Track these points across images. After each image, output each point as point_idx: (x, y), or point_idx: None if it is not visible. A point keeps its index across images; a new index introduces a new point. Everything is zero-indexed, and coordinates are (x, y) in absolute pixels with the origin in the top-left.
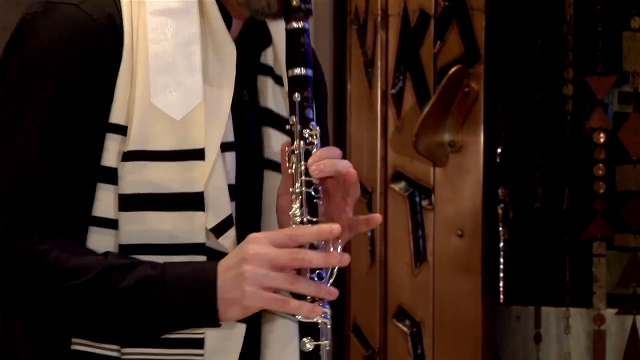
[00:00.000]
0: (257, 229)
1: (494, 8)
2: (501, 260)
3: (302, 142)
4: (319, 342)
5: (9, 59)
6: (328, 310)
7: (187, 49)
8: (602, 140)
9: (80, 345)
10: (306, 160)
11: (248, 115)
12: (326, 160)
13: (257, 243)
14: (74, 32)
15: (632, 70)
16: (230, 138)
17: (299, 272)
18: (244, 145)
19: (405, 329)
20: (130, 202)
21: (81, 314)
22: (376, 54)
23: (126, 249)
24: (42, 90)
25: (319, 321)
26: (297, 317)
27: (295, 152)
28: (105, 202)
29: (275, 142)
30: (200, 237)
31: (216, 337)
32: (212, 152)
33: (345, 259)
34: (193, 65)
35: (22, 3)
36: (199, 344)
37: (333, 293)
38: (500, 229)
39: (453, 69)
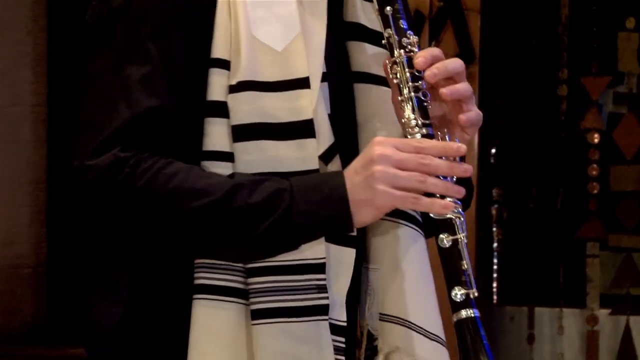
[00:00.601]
0: (354, 150)
1: (489, 8)
2: (495, 260)
3: (402, 51)
4: (456, 236)
5: (109, 3)
6: (459, 205)
7: None
8: (596, 140)
9: (204, 279)
10: (410, 67)
11: (330, 36)
12: (438, 64)
13: (383, 145)
14: None
15: (627, 71)
16: (324, 68)
17: None
18: (333, 72)
19: None
20: (245, 132)
21: (213, 234)
22: None
23: None
24: (144, 32)
25: (452, 216)
26: (431, 215)
27: (398, 61)
28: (216, 135)
29: (363, 54)
30: (314, 164)
31: (329, 261)
32: (316, 79)
33: (469, 169)
34: None
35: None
36: (321, 268)
37: (461, 191)
38: (494, 229)
39: None
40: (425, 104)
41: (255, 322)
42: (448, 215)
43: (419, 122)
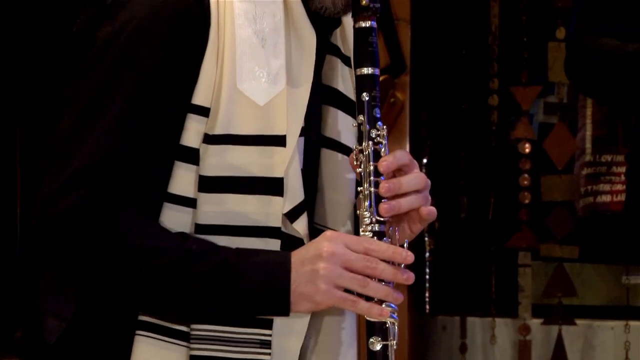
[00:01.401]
0: (313, 207)
1: (419, 18)
2: (427, 270)
3: (370, 143)
4: (387, 342)
5: (96, 33)
6: (396, 311)
7: (273, 36)
8: (527, 150)
9: (149, 317)
10: (375, 160)
11: (314, 93)
12: (395, 203)
13: (334, 242)
14: (164, 13)
15: (557, 80)
16: (302, 124)
17: None
18: (310, 128)
19: None
20: (211, 184)
21: (154, 293)
22: None
23: (203, 229)
24: (127, 71)
25: (388, 321)
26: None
27: (364, 152)
28: (183, 180)
29: (335, 121)
30: (276, 222)
31: (285, 318)
32: (293, 139)
33: (411, 277)
34: (277, 52)
35: None
36: (268, 324)
37: (400, 298)
38: (426, 239)
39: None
40: (382, 200)
41: None
42: (383, 320)
43: (373, 219)
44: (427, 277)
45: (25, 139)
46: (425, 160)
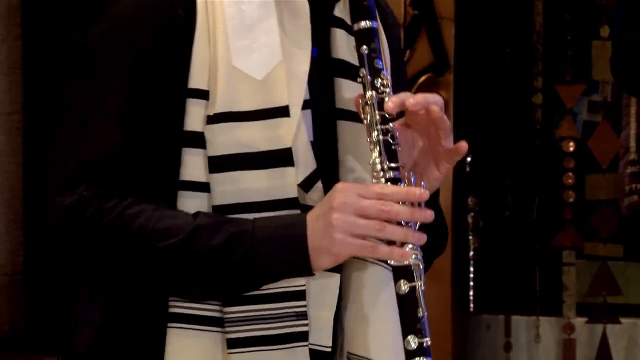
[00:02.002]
0: (336, 179)
1: (463, 17)
2: (471, 269)
3: (374, 92)
4: (414, 283)
5: (89, 31)
6: (419, 252)
7: (263, 9)
8: (571, 149)
9: (179, 308)
10: (380, 109)
11: (318, 69)
12: (419, 95)
13: (345, 192)
14: (150, 4)
15: (601, 79)
16: (307, 96)
17: None
18: (317, 101)
19: None
20: (221, 163)
21: (175, 275)
22: None
23: (221, 210)
24: (120, 64)
25: (411, 263)
26: (389, 262)
27: (369, 102)
28: (193, 165)
29: (348, 92)
30: (292, 192)
31: (315, 288)
32: (296, 108)
33: (430, 214)
34: (270, 25)
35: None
36: (300, 295)
37: (422, 238)
38: (470, 237)
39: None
40: (393, 147)
41: (230, 350)
42: (407, 262)
43: (385, 165)
44: (471, 275)
45: (28, 143)
46: (469, 159)
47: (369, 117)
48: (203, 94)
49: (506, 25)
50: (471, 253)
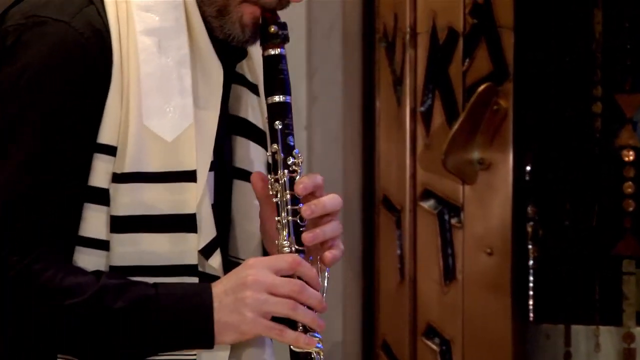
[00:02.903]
0: (226, 240)
1: (522, 25)
2: (531, 278)
3: (286, 171)
4: None
5: None
6: (321, 339)
7: (178, 70)
8: (631, 158)
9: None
10: (291, 189)
11: (219, 126)
12: (317, 202)
13: (257, 269)
14: (64, 52)
15: None
16: (211, 157)
17: None
18: (220, 161)
19: (434, 347)
20: (123, 224)
21: (73, 334)
22: (405, 71)
23: (118, 270)
24: (29, 112)
25: (314, 351)
26: (291, 347)
27: (280, 180)
28: (94, 222)
29: (245, 151)
30: (192, 259)
31: (205, 357)
32: (203, 174)
33: (325, 308)
34: (184, 87)
35: None
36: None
37: (323, 325)
38: (530, 246)
39: (482, 87)
40: (301, 229)
41: None
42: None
43: (293, 248)
44: (531, 285)
45: None
46: (528, 168)
47: (278, 196)
48: (111, 150)
49: (565, 33)
50: (530, 262)
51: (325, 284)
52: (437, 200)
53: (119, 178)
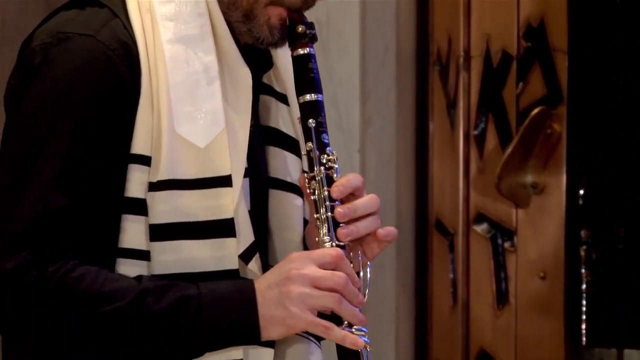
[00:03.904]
0: (264, 249)
1: (576, 49)
2: (583, 302)
3: (322, 168)
4: None
5: (26, 93)
6: (366, 333)
7: (206, 76)
8: None
9: None
10: (328, 185)
11: (252, 137)
12: (350, 205)
13: (300, 262)
14: (91, 65)
15: None
16: (245, 164)
17: None
18: (254, 169)
19: None
20: (163, 232)
21: (116, 338)
22: (458, 94)
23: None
24: (60, 126)
25: (360, 347)
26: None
27: (317, 178)
28: (133, 233)
29: (279, 160)
30: (233, 264)
31: (251, 356)
32: (238, 178)
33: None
34: (213, 93)
35: None
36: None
37: (364, 320)
38: (583, 270)
39: (536, 110)
40: (340, 224)
41: None
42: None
43: (334, 243)
44: (584, 308)
45: None
46: (582, 192)
47: (315, 193)
48: (145, 160)
49: (619, 57)
50: (584, 286)
51: (369, 278)
52: (490, 224)
53: (155, 186)
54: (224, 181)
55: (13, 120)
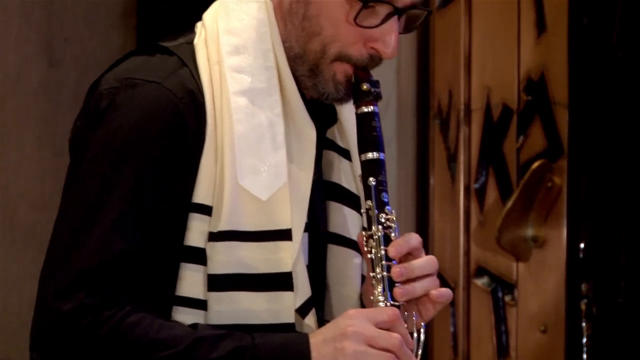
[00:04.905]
0: (321, 304)
1: (577, 102)
2: (584, 356)
3: (380, 227)
4: None
5: (91, 137)
6: None
7: (271, 129)
8: None
9: None
10: (385, 244)
11: (313, 191)
12: (407, 265)
13: (357, 319)
14: (157, 112)
15: None
16: (305, 218)
17: None
18: (315, 224)
19: None
20: (221, 282)
21: None
22: (459, 148)
23: None
24: (124, 171)
25: None
26: None
27: (374, 237)
28: (191, 282)
29: (339, 216)
30: (289, 318)
31: None
32: (298, 232)
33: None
34: (277, 146)
35: None
36: None
37: None
38: (584, 324)
39: (536, 164)
40: (395, 284)
41: None
42: None
43: (388, 303)
44: None
45: None
46: (582, 245)
47: (372, 251)
48: (207, 210)
49: (620, 109)
50: (584, 340)
51: (422, 339)
52: (491, 278)
53: (215, 237)
54: (284, 235)
55: (77, 163)
